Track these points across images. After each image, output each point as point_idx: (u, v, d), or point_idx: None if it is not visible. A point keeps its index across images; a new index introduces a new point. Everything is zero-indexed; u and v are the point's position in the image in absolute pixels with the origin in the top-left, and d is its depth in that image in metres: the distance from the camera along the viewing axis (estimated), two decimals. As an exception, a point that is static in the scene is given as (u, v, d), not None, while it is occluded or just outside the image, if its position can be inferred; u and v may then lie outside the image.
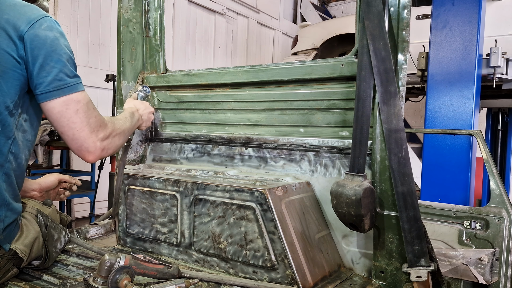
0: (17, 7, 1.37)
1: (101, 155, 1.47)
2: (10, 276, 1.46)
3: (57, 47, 1.38)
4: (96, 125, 1.43)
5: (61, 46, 1.39)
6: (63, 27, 6.36)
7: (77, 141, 1.41)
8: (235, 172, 1.85)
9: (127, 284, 1.35)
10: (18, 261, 1.47)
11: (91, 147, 1.42)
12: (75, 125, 1.39)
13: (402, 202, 1.40)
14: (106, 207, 5.52)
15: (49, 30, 1.37)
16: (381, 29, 1.42)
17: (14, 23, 1.32)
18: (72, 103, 1.38)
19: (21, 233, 1.47)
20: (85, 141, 1.41)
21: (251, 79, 1.88)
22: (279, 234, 1.47)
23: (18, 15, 1.34)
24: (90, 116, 1.42)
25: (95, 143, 1.43)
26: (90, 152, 1.43)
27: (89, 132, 1.41)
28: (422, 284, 1.40)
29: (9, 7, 1.35)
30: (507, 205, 2.36)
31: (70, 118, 1.38)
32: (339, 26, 6.39)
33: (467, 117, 3.53)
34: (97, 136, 1.43)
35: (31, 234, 1.50)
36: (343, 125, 1.70)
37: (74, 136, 1.40)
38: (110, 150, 1.50)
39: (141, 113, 1.84)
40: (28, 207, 1.59)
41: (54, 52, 1.36)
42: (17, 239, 1.44)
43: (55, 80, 1.35)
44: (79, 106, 1.39)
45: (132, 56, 2.17)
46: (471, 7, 3.52)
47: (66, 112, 1.37)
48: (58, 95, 1.36)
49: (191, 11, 7.84)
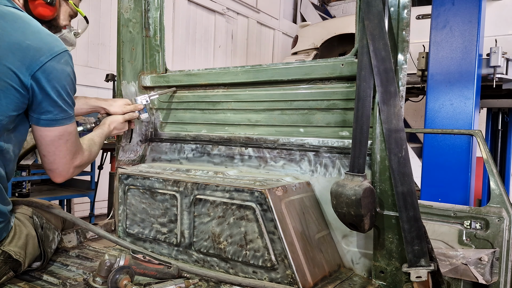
0: (41, 34, 1.41)
1: (67, 179, 1.57)
2: (5, 279, 1.46)
3: (70, 81, 1.46)
4: (76, 154, 1.54)
5: (72, 81, 1.48)
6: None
7: (55, 165, 1.51)
8: (235, 172, 1.85)
9: (127, 284, 1.35)
10: (14, 264, 1.46)
11: (64, 171, 1.53)
12: (60, 153, 1.49)
13: (402, 202, 1.40)
14: (106, 207, 5.52)
15: (66, 65, 1.44)
16: (381, 29, 1.42)
17: (35, 52, 1.36)
18: (66, 134, 1.47)
19: (14, 235, 1.46)
20: (61, 167, 1.51)
21: (251, 79, 1.88)
22: (279, 234, 1.47)
23: (41, 44, 1.38)
24: (74, 146, 1.52)
25: (69, 169, 1.53)
26: (61, 175, 1.54)
27: (68, 160, 1.51)
28: (422, 284, 1.40)
29: (33, 34, 1.39)
30: (507, 205, 2.36)
31: (59, 147, 1.47)
32: (339, 26, 6.38)
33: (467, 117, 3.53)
34: (73, 163, 1.54)
35: (24, 235, 1.49)
36: (343, 125, 1.69)
37: (55, 161, 1.50)
38: (75, 173, 1.59)
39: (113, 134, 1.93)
40: (23, 208, 1.59)
41: (68, 85, 1.45)
42: (10, 241, 1.44)
43: (63, 112, 1.44)
44: (70, 137, 1.49)
45: (132, 56, 2.17)
46: (471, 7, 3.51)
47: (58, 142, 1.46)
48: (59, 124, 1.45)
49: (191, 11, 7.83)
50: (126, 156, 2.16)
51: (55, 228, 1.74)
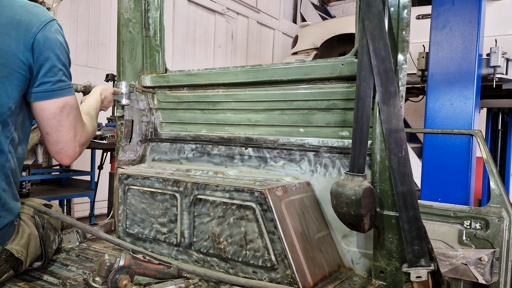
0: (28, 7, 1.38)
1: (75, 158, 1.50)
2: (6, 278, 1.46)
3: (63, 50, 1.42)
4: (79, 130, 1.47)
5: (65, 50, 1.44)
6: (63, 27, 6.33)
7: (59, 144, 1.44)
8: (235, 172, 1.85)
9: (127, 284, 1.35)
10: (14, 263, 1.46)
11: (70, 151, 1.46)
12: (62, 128, 1.42)
13: (402, 202, 1.40)
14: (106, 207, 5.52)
15: (57, 34, 1.41)
16: (381, 29, 1.42)
17: (26, 25, 1.34)
18: (67, 106, 1.41)
19: (17, 234, 1.46)
20: (66, 145, 1.44)
21: (251, 79, 1.88)
22: (279, 234, 1.47)
23: (30, 16, 1.36)
24: (77, 121, 1.46)
25: (75, 148, 1.46)
26: (68, 156, 1.47)
27: (73, 137, 1.44)
28: (422, 284, 1.40)
29: (21, 8, 1.37)
30: (507, 205, 2.36)
31: (61, 121, 1.41)
32: (339, 26, 6.38)
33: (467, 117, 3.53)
34: (78, 141, 1.47)
35: (26, 234, 1.49)
36: (343, 125, 1.70)
37: (58, 139, 1.43)
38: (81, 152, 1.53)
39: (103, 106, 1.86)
40: (25, 207, 1.59)
41: (62, 55, 1.41)
42: (13, 240, 1.44)
43: (60, 81, 1.39)
44: (71, 109, 1.43)
45: (132, 56, 2.17)
46: (471, 7, 3.51)
47: (59, 114, 1.40)
48: (59, 95, 1.39)
49: (191, 11, 7.83)
50: (126, 156, 2.16)
51: (56, 228, 1.74)
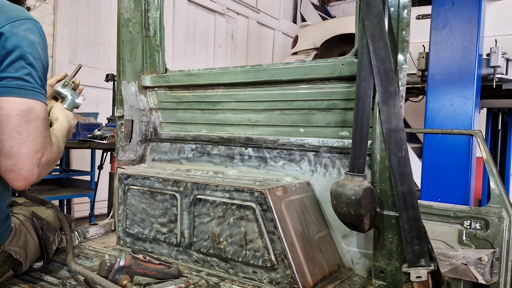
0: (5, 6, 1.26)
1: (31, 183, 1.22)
2: (5, 278, 1.46)
3: (35, 51, 1.23)
4: (43, 146, 1.21)
5: (39, 53, 1.25)
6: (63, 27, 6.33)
7: (13, 157, 1.16)
8: (235, 172, 1.85)
9: (127, 284, 1.35)
10: (14, 263, 1.46)
11: (26, 170, 1.18)
12: (19, 136, 1.16)
13: (402, 202, 1.40)
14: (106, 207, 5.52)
15: (30, 33, 1.23)
16: (381, 29, 1.42)
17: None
18: (29, 110, 1.18)
19: (14, 235, 1.46)
20: (22, 161, 1.17)
21: (251, 79, 1.88)
22: (279, 234, 1.47)
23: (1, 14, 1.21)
24: (41, 134, 1.21)
25: (33, 167, 1.19)
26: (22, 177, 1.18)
27: (32, 151, 1.18)
28: (422, 284, 1.40)
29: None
30: (507, 205, 2.36)
31: (17, 127, 1.16)
32: (339, 26, 6.38)
33: (467, 117, 3.53)
34: (39, 159, 1.20)
35: (23, 235, 1.49)
36: (343, 125, 1.70)
37: (12, 150, 1.16)
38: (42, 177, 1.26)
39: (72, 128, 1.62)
40: (22, 209, 1.58)
41: (31, 54, 1.21)
42: (10, 241, 1.44)
43: (21, 80, 1.18)
44: (34, 117, 1.19)
45: (132, 56, 2.17)
46: (471, 7, 3.51)
47: (15, 118, 1.16)
48: (17, 94, 1.17)
49: (191, 11, 7.83)
50: (126, 156, 2.16)
51: (55, 229, 1.74)
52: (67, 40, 5.81)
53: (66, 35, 5.80)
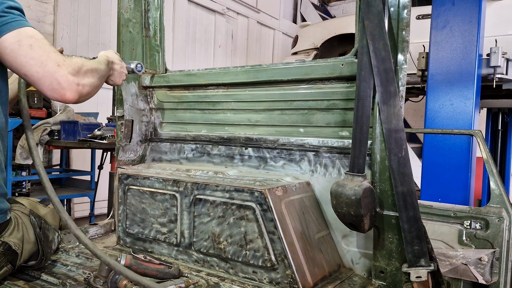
0: None
1: (79, 91, 1.30)
2: (4, 272, 1.46)
3: None
4: (59, 59, 1.27)
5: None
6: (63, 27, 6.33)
7: (46, 78, 1.25)
8: (235, 172, 1.85)
9: (127, 285, 1.35)
10: (12, 257, 1.46)
11: (63, 81, 1.26)
12: (35, 61, 1.24)
13: (402, 202, 1.40)
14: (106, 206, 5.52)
15: None
16: (381, 29, 1.42)
17: None
18: (24, 38, 1.24)
19: (14, 228, 1.47)
20: (54, 76, 1.25)
21: (251, 79, 1.88)
22: (279, 234, 1.47)
23: None
24: (48, 51, 1.26)
25: (67, 77, 1.26)
26: (65, 88, 1.26)
27: (54, 66, 1.25)
28: (422, 284, 1.40)
29: None
30: (507, 205, 2.36)
31: (27, 55, 1.23)
32: (339, 26, 6.38)
33: (467, 117, 3.53)
34: (66, 69, 1.27)
35: (21, 229, 1.50)
36: (343, 125, 1.70)
37: (39, 75, 1.24)
38: (87, 87, 1.34)
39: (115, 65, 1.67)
40: (20, 206, 1.59)
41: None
42: (10, 233, 1.44)
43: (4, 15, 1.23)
44: (32, 40, 1.25)
45: (132, 56, 2.17)
46: (471, 7, 3.51)
47: (20, 49, 1.23)
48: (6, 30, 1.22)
49: (191, 11, 7.83)
50: (126, 156, 2.16)
51: (55, 229, 1.73)
52: (67, 40, 5.81)
53: (66, 35, 5.80)
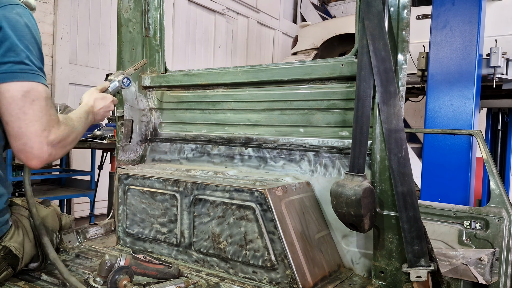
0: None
1: (45, 161, 1.27)
2: (5, 276, 1.46)
3: (27, 34, 1.28)
4: (49, 124, 1.26)
5: (31, 34, 1.29)
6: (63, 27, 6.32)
7: (22, 138, 1.23)
8: (235, 172, 1.85)
9: (127, 285, 1.35)
10: (12, 260, 1.46)
11: (36, 148, 1.24)
12: (25, 117, 1.22)
13: (402, 202, 1.40)
14: (106, 207, 5.52)
15: (21, 16, 1.28)
16: (381, 29, 1.42)
17: None
18: (32, 91, 1.24)
19: (14, 232, 1.47)
20: (31, 140, 1.23)
21: (251, 79, 1.88)
22: (279, 234, 1.47)
23: None
24: (45, 113, 1.26)
25: (42, 146, 1.25)
26: (34, 155, 1.24)
27: (39, 130, 1.23)
28: (422, 284, 1.40)
29: None
30: (507, 205, 2.36)
31: (23, 107, 1.22)
32: (339, 26, 6.38)
33: (467, 117, 3.53)
34: (47, 137, 1.26)
35: (21, 233, 1.50)
36: (343, 125, 1.69)
37: (20, 130, 1.22)
38: (58, 156, 1.32)
39: (96, 111, 1.64)
40: (20, 209, 1.59)
41: (25, 38, 1.26)
42: (11, 237, 1.45)
43: (21, 63, 1.24)
44: (38, 96, 1.25)
45: (132, 56, 2.17)
46: (471, 7, 3.51)
47: (21, 100, 1.22)
48: (20, 78, 1.23)
49: (191, 10, 7.83)
50: (126, 156, 2.16)
51: (53, 231, 1.73)
52: (67, 40, 5.81)
53: (66, 35, 5.80)
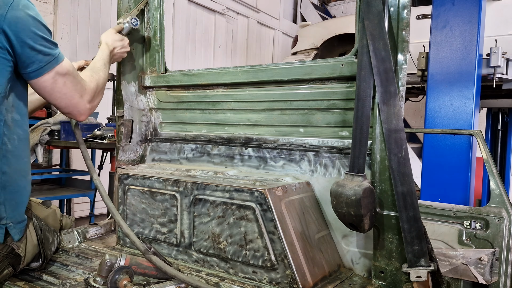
0: None
1: (90, 113, 1.65)
2: (5, 275, 1.46)
3: (38, 24, 1.42)
4: (82, 90, 1.58)
5: (40, 22, 1.43)
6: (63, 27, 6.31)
7: (70, 107, 1.57)
8: (235, 172, 1.85)
9: (127, 284, 1.35)
10: (14, 260, 1.46)
11: (82, 109, 1.60)
12: (66, 96, 1.53)
13: (402, 202, 1.40)
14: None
15: (27, 9, 1.40)
16: (381, 29, 1.42)
17: None
18: (59, 75, 1.48)
19: None
20: (76, 106, 1.58)
21: (251, 79, 1.88)
22: (279, 234, 1.47)
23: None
24: (76, 84, 1.55)
25: (85, 106, 1.60)
26: (81, 113, 1.61)
27: (78, 98, 1.57)
28: (422, 284, 1.40)
29: None
30: (507, 205, 2.36)
31: (61, 90, 1.51)
32: (339, 26, 6.38)
33: (467, 117, 3.53)
34: (86, 99, 1.60)
35: (24, 233, 1.50)
36: (343, 125, 1.69)
37: (67, 104, 1.55)
38: (96, 106, 1.67)
39: (115, 52, 1.91)
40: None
41: (37, 28, 1.41)
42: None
43: (46, 55, 1.43)
44: (66, 78, 1.50)
45: (132, 56, 2.17)
46: (471, 7, 3.51)
47: (57, 86, 1.49)
48: (48, 69, 1.44)
49: (191, 10, 7.83)
50: (126, 156, 2.16)
51: (54, 230, 1.74)
52: (67, 40, 5.81)
53: (66, 35, 5.80)
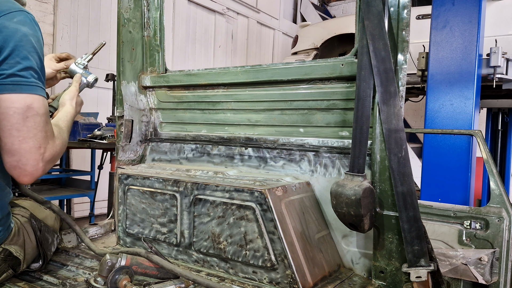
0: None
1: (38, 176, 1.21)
2: (5, 277, 1.46)
3: (28, 44, 1.20)
4: (44, 141, 1.19)
5: (32, 45, 1.22)
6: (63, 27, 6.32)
7: (15, 154, 1.15)
8: (235, 172, 1.85)
9: (127, 285, 1.35)
10: (13, 262, 1.46)
11: (30, 165, 1.16)
12: (18, 134, 1.14)
13: (402, 202, 1.40)
14: (106, 206, 5.52)
15: (22, 25, 1.20)
16: (381, 29, 1.42)
17: None
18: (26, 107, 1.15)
19: (14, 234, 1.47)
20: (25, 157, 1.15)
21: (251, 79, 1.88)
22: (279, 234, 1.47)
23: None
24: (41, 129, 1.18)
25: (37, 163, 1.17)
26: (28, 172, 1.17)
27: (34, 148, 1.16)
28: (422, 284, 1.40)
29: None
30: (507, 205, 2.36)
31: (15, 124, 1.13)
32: (339, 26, 6.38)
33: (467, 117, 3.53)
34: (42, 154, 1.18)
35: (22, 234, 1.50)
36: (343, 125, 1.70)
37: (13, 147, 1.14)
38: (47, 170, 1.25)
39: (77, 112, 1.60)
40: (21, 210, 1.59)
41: (23, 48, 1.18)
42: (11, 240, 1.44)
43: (16, 76, 1.15)
44: (32, 113, 1.15)
45: (132, 56, 2.17)
46: (471, 7, 3.51)
47: (12, 116, 1.13)
48: (12, 90, 1.13)
49: (191, 10, 7.84)
50: (126, 156, 2.16)
51: (54, 231, 1.74)
52: (67, 40, 5.81)
53: (66, 35, 5.80)
